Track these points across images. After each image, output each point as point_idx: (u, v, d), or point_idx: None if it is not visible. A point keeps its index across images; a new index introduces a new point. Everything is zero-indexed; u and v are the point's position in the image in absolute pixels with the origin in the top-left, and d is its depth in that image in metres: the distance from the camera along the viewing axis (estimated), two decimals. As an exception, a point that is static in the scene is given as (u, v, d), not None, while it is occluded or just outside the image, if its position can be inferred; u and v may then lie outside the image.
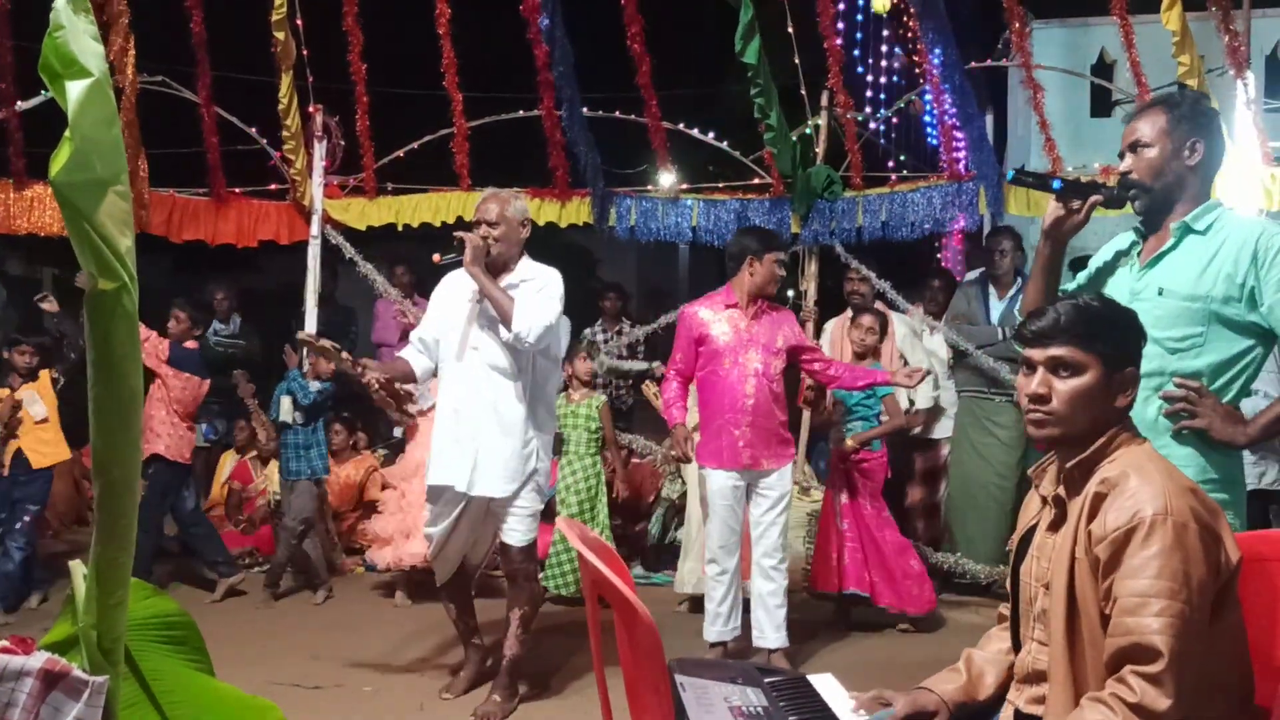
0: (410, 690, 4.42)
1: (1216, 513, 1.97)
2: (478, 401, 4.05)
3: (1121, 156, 2.66)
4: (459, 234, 4.02)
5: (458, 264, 4.03)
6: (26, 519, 5.55)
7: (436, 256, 4.00)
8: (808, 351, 4.88)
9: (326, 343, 4.12)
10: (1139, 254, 2.68)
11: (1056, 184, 2.61)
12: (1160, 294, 2.53)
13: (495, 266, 4.06)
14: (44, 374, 5.76)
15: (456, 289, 4.18)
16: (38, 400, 5.64)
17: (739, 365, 4.62)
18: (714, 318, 4.69)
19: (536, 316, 3.92)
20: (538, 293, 4.01)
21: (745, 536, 4.77)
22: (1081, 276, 2.87)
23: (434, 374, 4.30)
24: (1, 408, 5.55)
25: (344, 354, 4.02)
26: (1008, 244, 6.04)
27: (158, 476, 5.71)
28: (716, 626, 4.69)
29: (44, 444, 5.65)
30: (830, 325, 6.61)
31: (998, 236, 6.17)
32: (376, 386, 4.01)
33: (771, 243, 4.72)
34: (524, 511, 4.11)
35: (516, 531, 4.12)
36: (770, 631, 4.65)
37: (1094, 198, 2.58)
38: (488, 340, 4.05)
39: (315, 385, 5.88)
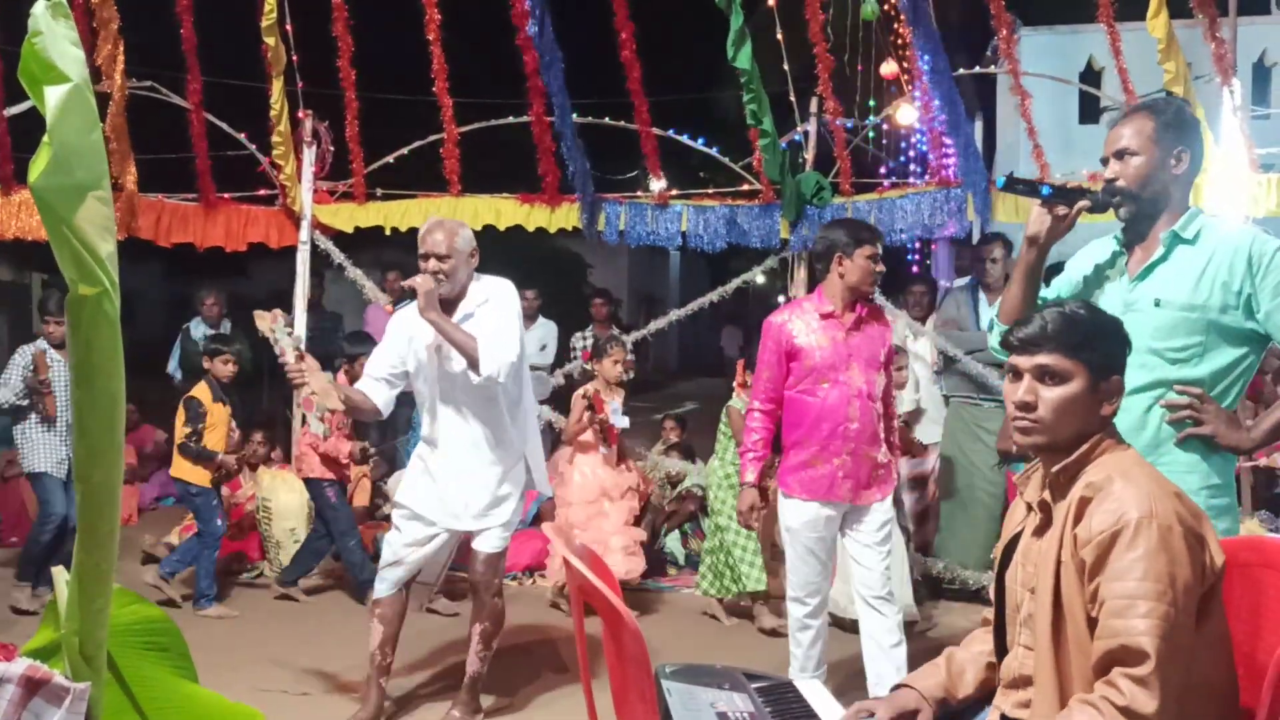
0: (398, 697, 4.40)
1: (1200, 516, 1.99)
2: (457, 439, 3.96)
3: (1105, 162, 2.65)
4: (408, 282, 3.84)
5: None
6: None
7: (388, 308, 3.80)
8: (888, 377, 4.16)
9: (268, 320, 3.81)
10: (1126, 264, 2.67)
11: (1045, 190, 2.60)
12: (1157, 305, 2.53)
13: (447, 299, 3.87)
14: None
15: (417, 327, 3.94)
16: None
17: (840, 385, 3.93)
18: (806, 329, 3.99)
19: (502, 352, 3.76)
20: (495, 320, 3.84)
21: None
22: (1061, 285, 2.85)
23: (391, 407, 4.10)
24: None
25: (291, 348, 3.77)
26: (999, 251, 6.05)
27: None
28: (808, 673, 3.96)
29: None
30: None
31: (989, 243, 6.17)
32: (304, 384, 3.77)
33: (861, 235, 3.99)
34: (499, 521, 4.03)
35: (489, 539, 4.02)
36: (893, 676, 3.71)
37: (1081, 204, 2.58)
38: (456, 381, 3.91)
39: None
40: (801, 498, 3.96)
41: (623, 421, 5.86)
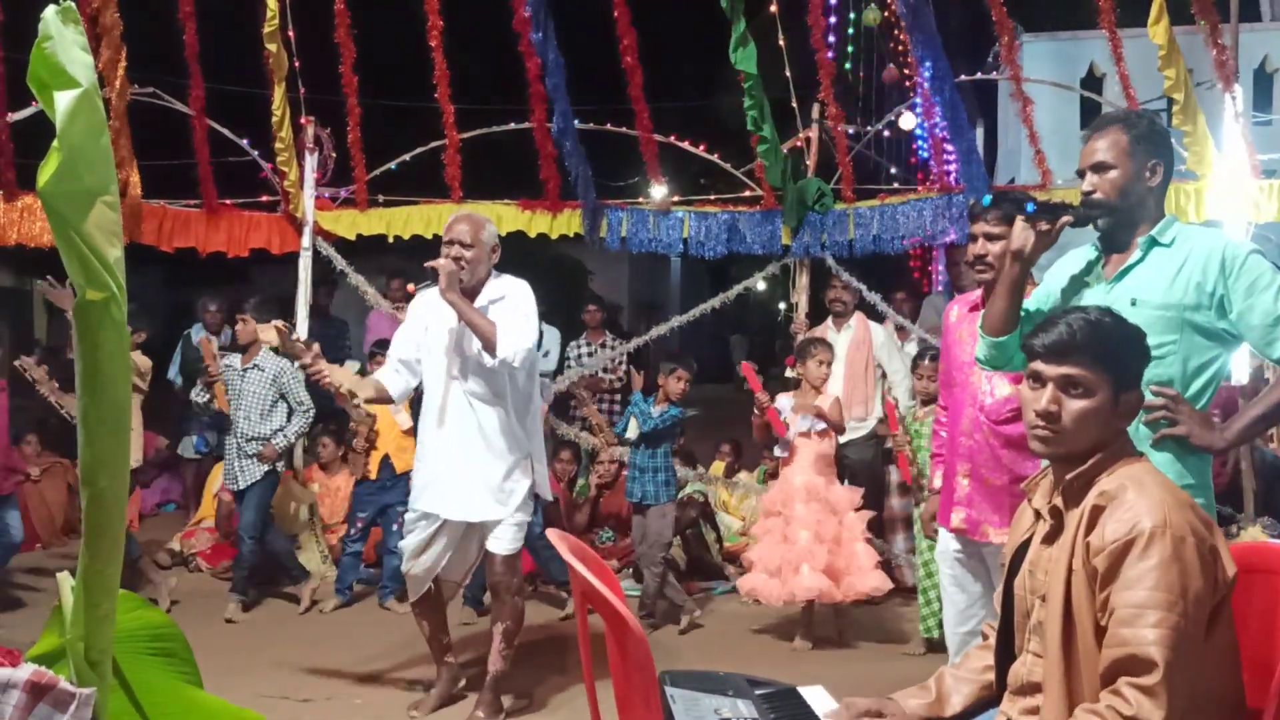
0: (400, 702, 4.40)
1: (1213, 527, 1.98)
2: (463, 429, 4.00)
3: (1081, 175, 2.70)
4: (431, 262, 3.90)
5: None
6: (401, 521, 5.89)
7: (411, 287, 3.93)
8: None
9: (279, 324, 4.04)
10: (1103, 268, 2.74)
11: (1030, 206, 2.64)
12: (1133, 305, 2.57)
13: (466, 290, 3.94)
14: None
15: (433, 313, 4.07)
16: (401, 410, 5.94)
17: (962, 390, 3.38)
18: (958, 318, 3.42)
19: (519, 339, 3.85)
20: (513, 311, 3.94)
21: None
22: (1040, 299, 2.88)
23: (413, 393, 4.23)
24: (364, 427, 5.99)
25: (296, 340, 3.93)
26: None
27: None
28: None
29: (406, 450, 5.89)
30: (839, 339, 6.49)
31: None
32: (330, 383, 4.00)
33: (975, 206, 3.32)
34: (513, 521, 4.08)
35: (503, 540, 4.07)
36: None
37: (1064, 218, 2.63)
38: (468, 367, 3.98)
39: (657, 411, 5.63)
40: (937, 522, 3.52)
41: (814, 424, 5.27)
